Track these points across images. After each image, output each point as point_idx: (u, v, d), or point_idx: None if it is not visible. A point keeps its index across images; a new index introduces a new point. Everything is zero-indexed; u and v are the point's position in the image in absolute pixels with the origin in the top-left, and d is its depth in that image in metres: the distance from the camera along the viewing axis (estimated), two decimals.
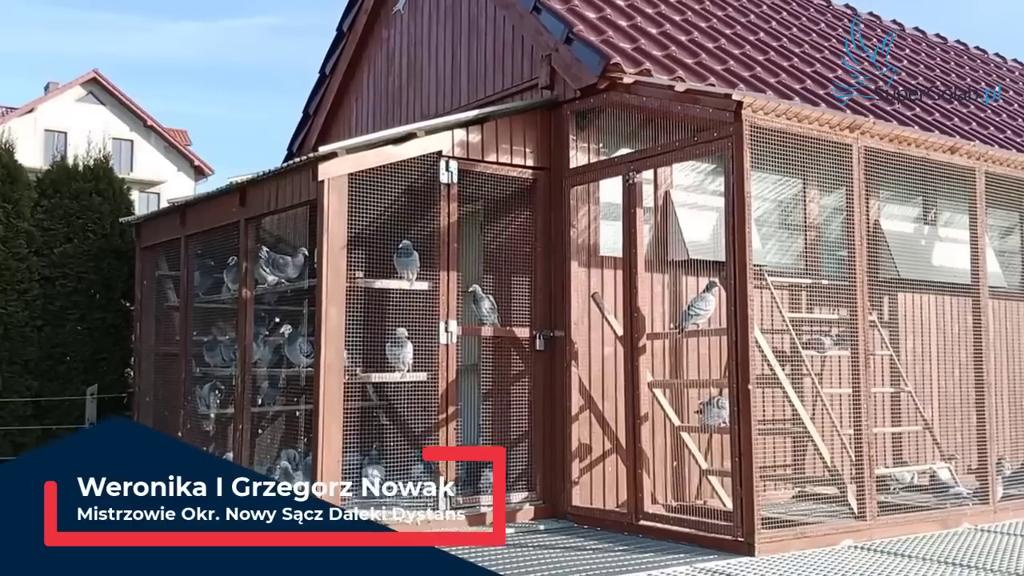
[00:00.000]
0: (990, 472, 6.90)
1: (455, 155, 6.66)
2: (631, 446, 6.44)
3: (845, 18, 11.73)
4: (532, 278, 7.08)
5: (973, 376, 7.17)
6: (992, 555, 5.60)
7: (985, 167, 7.15)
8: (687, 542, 5.86)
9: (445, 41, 8.55)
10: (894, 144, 6.61)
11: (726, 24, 8.87)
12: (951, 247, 8.24)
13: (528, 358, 7.02)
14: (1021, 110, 11.03)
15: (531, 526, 6.54)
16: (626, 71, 6.62)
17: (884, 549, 5.76)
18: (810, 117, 6.11)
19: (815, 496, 7.35)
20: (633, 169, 6.51)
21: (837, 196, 6.91)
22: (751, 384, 5.65)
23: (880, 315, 8.21)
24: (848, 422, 6.46)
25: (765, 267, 7.42)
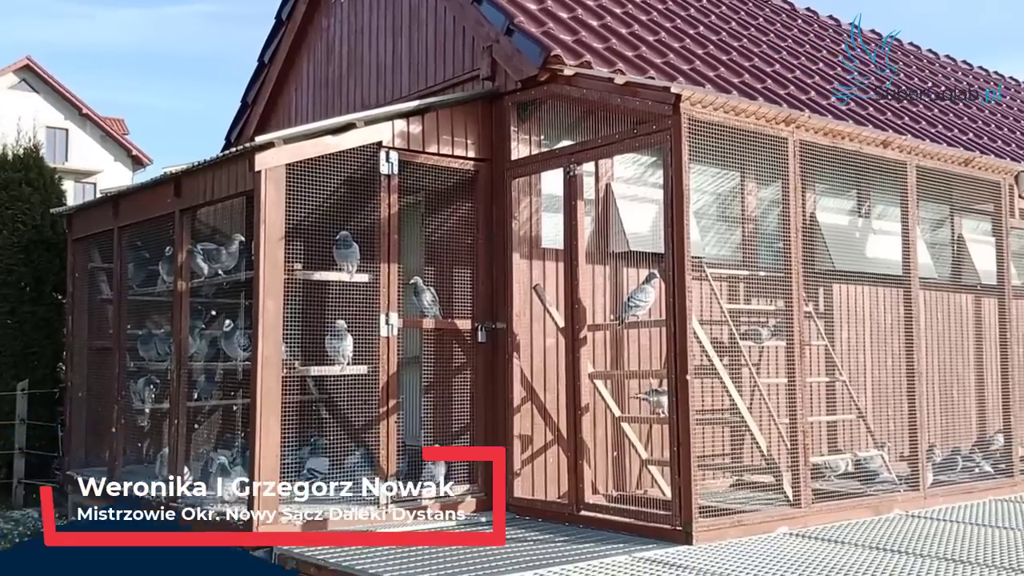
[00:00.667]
0: (921, 459, 7.07)
1: (396, 146, 6.61)
2: (572, 437, 6.46)
3: (783, 12, 11.91)
4: (474, 270, 7.06)
5: (905, 365, 7.33)
6: (921, 540, 5.75)
7: (916, 161, 7.31)
8: (627, 532, 5.90)
9: (386, 31, 8.47)
10: (828, 138, 6.72)
11: (666, 17, 8.93)
12: (885, 239, 8.41)
13: (470, 350, 7.00)
14: (952, 105, 11.30)
15: (473, 518, 6.53)
16: (566, 63, 6.62)
17: (818, 535, 5.88)
18: (747, 111, 6.19)
19: (753, 484, 7.47)
20: (574, 161, 6.52)
21: (774, 189, 7.00)
22: (689, 375, 5.71)
23: (816, 306, 8.37)
24: (784, 411, 6.57)
25: (704, 259, 7.51)
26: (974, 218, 9.69)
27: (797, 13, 12.25)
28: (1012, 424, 7.84)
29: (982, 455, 8.47)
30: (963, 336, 9.40)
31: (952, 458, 8.32)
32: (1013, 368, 7.97)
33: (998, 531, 6.09)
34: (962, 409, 9.19)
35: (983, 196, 8.24)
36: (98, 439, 8.44)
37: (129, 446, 8.09)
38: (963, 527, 6.24)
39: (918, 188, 7.55)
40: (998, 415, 8.25)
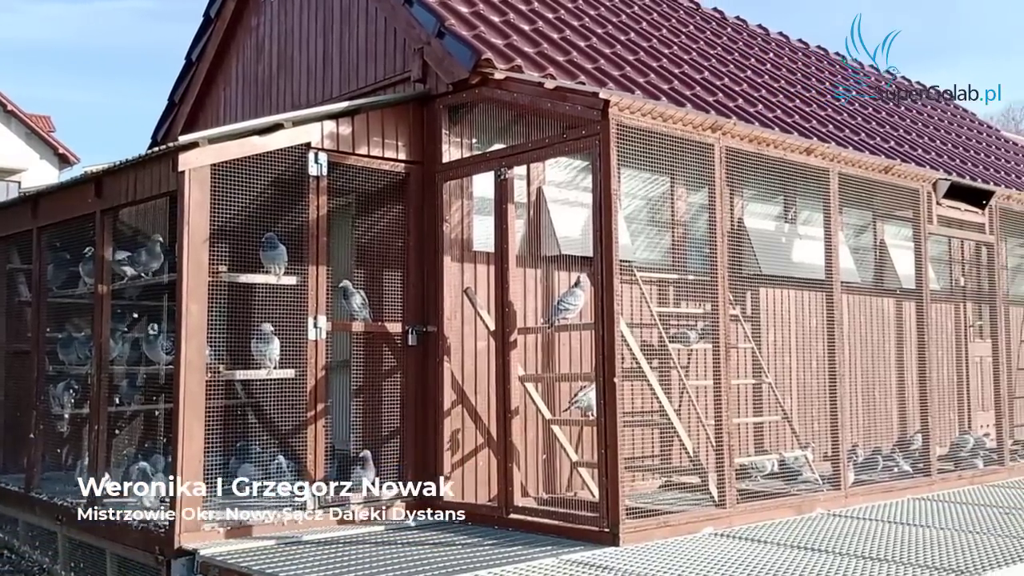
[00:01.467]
0: (842, 459, 7.24)
1: (325, 147, 6.54)
2: (502, 440, 6.47)
3: (714, 21, 12.11)
4: (404, 273, 7.02)
5: (827, 367, 7.50)
6: (840, 539, 5.89)
7: (838, 168, 7.49)
8: (555, 534, 5.92)
9: (316, 31, 8.38)
10: (754, 145, 6.85)
11: (598, 23, 9.01)
12: (810, 244, 8.61)
13: (400, 353, 6.97)
14: (875, 113, 11.62)
15: (402, 522, 6.50)
16: (497, 67, 6.64)
17: (742, 535, 5.98)
18: (674, 117, 6.27)
19: (681, 485, 7.58)
20: (504, 165, 6.53)
21: (703, 194, 7.11)
22: (617, 377, 5.76)
23: (743, 309, 8.53)
24: (711, 413, 6.66)
25: (635, 263, 7.60)
26: (896, 224, 9.97)
27: (727, 22, 12.47)
28: (929, 425, 8.07)
29: (902, 455, 8.71)
30: (885, 339, 9.67)
31: (873, 458, 8.55)
32: (930, 370, 8.21)
33: (914, 529, 6.27)
34: (884, 410, 9.45)
35: (903, 203, 8.49)
36: (16, 445, 8.18)
37: (48, 452, 7.86)
38: (882, 525, 6.40)
39: (841, 194, 7.74)
40: (918, 416, 8.48)
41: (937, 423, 8.74)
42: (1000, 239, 9.26)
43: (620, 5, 10.15)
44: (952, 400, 10.46)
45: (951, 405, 10.43)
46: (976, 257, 10.43)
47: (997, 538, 5.91)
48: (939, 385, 9.92)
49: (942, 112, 14.36)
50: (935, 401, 8.46)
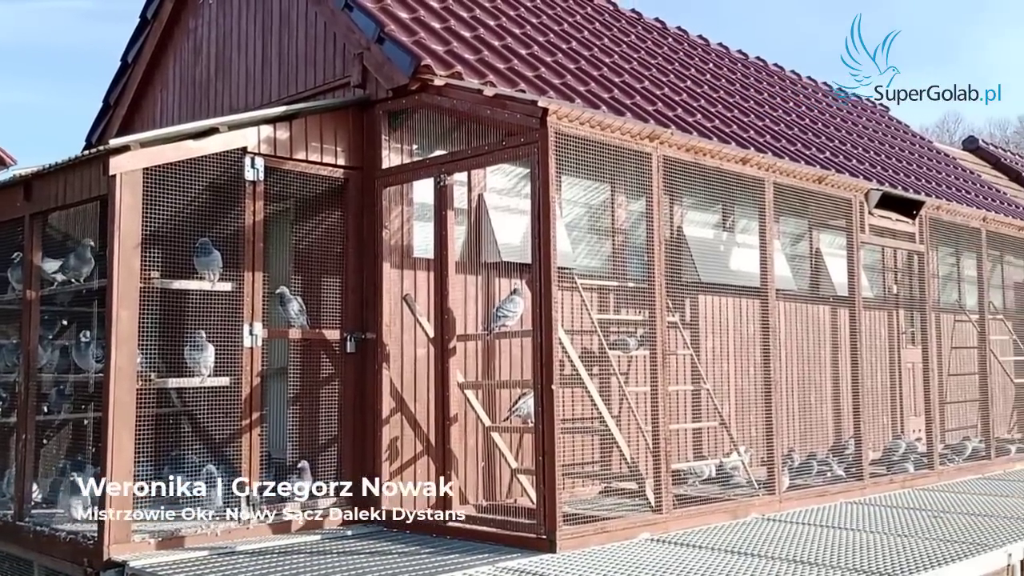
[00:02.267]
0: (777, 464, 7.36)
1: (261, 152, 6.46)
2: (440, 447, 6.45)
3: (655, 31, 12.24)
4: (343, 279, 6.97)
5: (763, 374, 7.62)
6: (773, 543, 5.98)
7: (773, 178, 7.62)
8: (493, 542, 5.92)
9: (255, 34, 8.29)
10: (691, 154, 6.94)
11: (540, 31, 9.05)
12: (747, 252, 8.74)
13: (338, 361, 6.91)
14: (812, 124, 11.85)
15: (339, 532, 6.44)
16: (437, 73, 6.63)
17: (678, 540, 6.04)
18: (612, 126, 6.32)
19: (620, 491, 7.63)
20: (444, 171, 6.52)
21: (643, 202, 7.18)
22: (555, 384, 5.78)
23: (682, 316, 8.62)
24: (649, 419, 6.72)
25: (575, 270, 7.64)
26: (831, 233, 10.17)
27: (668, 32, 12.62)
28: (861, 429, 8.24)
29: (837, 459, 8.88)
30: (820, 345, 9.85)
31: (808, 462, 8.70)
32: (863, 376, 8.39)
33: (845, 532, 6.39)
34: (819, 415, 9.63)
35: (837, 212, 8.67)
36: None
37: None
38: (813, 529, 6.52)
39: (778, 203, 7.88)
40: (852, 421, 8.65)
41: (870, 428, 8.93)
42: (930, 248, 9.50)
43: (562, 14, 10.21)
44: (886, 405, 10.71)
45: (884, 410, 10.67)
46: (908, 266, 10.69)
47: (925, 541, 6.05)
48: (872, 391, 10.16)
49: (876, 123, 14.71)
50: (867, 406, 8.65)
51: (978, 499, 7.93)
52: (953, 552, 5.66)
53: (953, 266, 12.43)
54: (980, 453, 9.97)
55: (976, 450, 10.02)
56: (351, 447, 6.82)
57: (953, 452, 10.00)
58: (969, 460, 9.82)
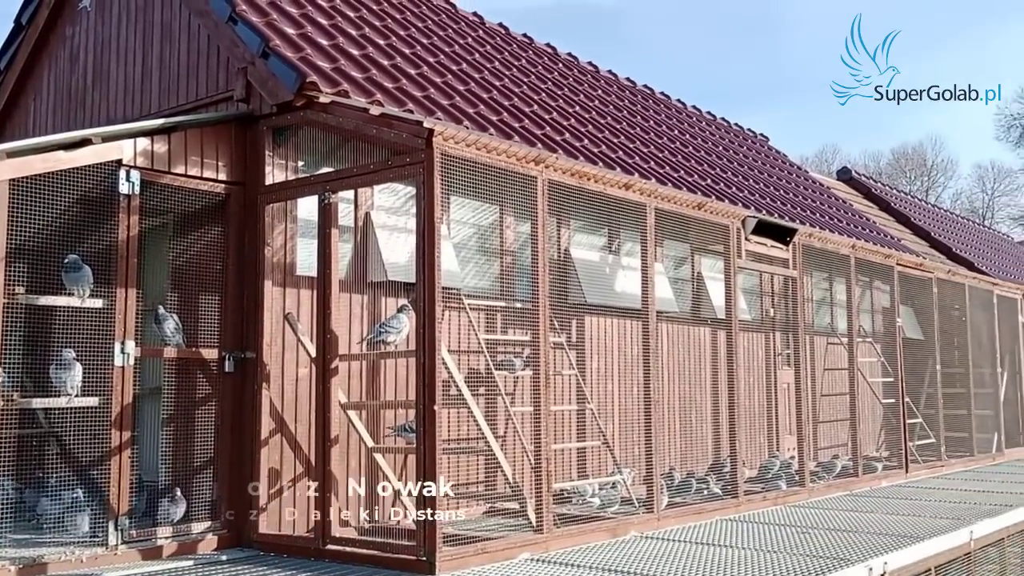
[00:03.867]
0: (656, 483, 7.51)
1: (138, 164, 6.27)
2: (321, 469, 6.35)
3: (546, 56, 12.45)
4: (223, 297, 6.81)
5: (645, 393, 7.79)
6: (649, 561, 6.10)
7: (655, 203, 7.83)
8: (373, 564, 5.86)
9: (135, 44, 8.05)
10: (575, 179, 7.07)
11: (430, 52, 9.09)
12: (632, 275, 8.94)
13: (216, 381, 6.73)
14: (695, 152, 12.24)
15: (213, 557, 6.26)
16: (323, 91, 6.57)
17: (557, 560, 6.09)
18: (498, 149, 6.39)
19: (504, 512, 7.66)
20: (329, 189, 6.46)
21: (532, 224, 7.27)
22: (438, 405, 5.77)
23: (568, 337, 8.75)
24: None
25: (462, 290, 7.66)
26: (711, 257, 10.51)
27: (559, 58, 12.86)
28: (737, 448, 8.50)
29: (715, 477, 9.13)
30: (701, 366, 10.13)
31: (688, 481, 8.93)
32: (739, 396, 8.66)
33: (718, 549, 6.57)
34: (699, 434, 9.90)
35: (716, 237, 8.96)
36: None
37: None
38: (689, 546, 6.67)
39: (660, 228, 8.09)
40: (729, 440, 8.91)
41: (747, 447, 9.21)
42: (803, 274, 9.91)
43: (454, 36, 10.28)
44: (762, 425, 11.08)
45: (761, 429, 11.04)
46: (784, 290, 11.13)
47: (792, 557, 6.27)
48: (749, 410, 10.51)
49: (757, 152, 15.30)
50: (744, 426, 8.93)
51: (845, 515, 8.28)
52: (818, 567, 5.89)
53: (826, 291, 13.02)
54: (849, 471, 10.41)
55: (845, 468, 10.46)
56: (228, 469, 6.64)
57: (824, 470, 10.42)
58: (838, 477, 10.25)
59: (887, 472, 11.00)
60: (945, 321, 13.01)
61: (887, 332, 12.36)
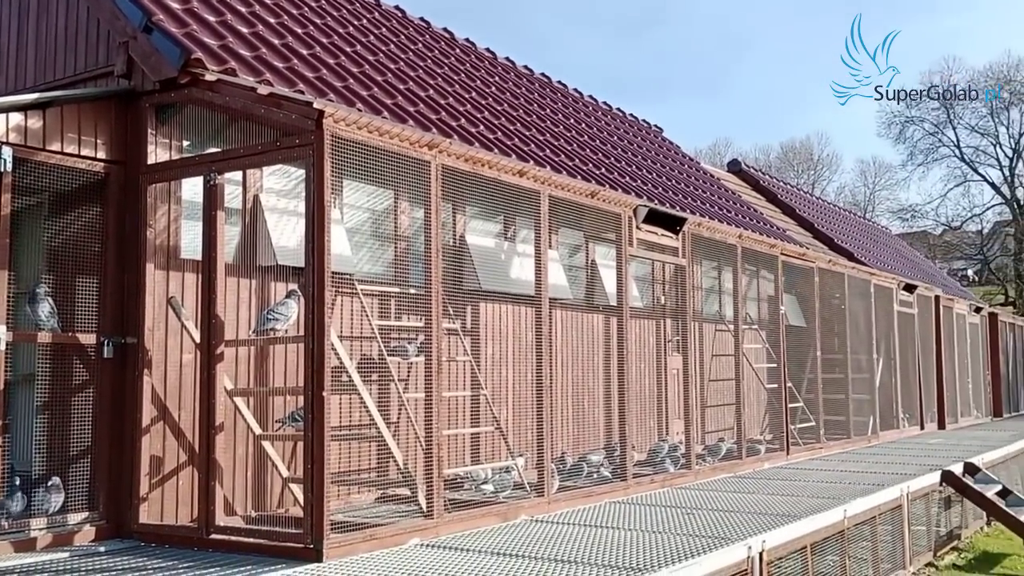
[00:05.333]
0: (547, 467, 7.60)
1: (10, 141, 5.97)
2: (204, 457, 6.19)
3: (443, 41, 12.38)
4: (102, 280, 6.55)
5: (538, 379, 7.86)
6: (539, 543, 6.17)
7: (549, 191, 7.89)
8: (258, 553, 5.75)
9: (9, 15, 7.66)
10: (469, 164, 7.06)
11: (324, 33, 8.92)
12: (527, 261, 9.00)
13: (94, 367, 6.48)
14: (591, 141, 12.39)
15: (91, 548, 6.04)
16: (209, 68, 6.38)
17: (448, 545, 6.11)
18: (391, 132, 6.33)
19: (396, 498, 7.63)
20: (215, 170, 6.28)
21: (426, 210, 7.22)
22: (326, 391, 5.70)
23: (463, 323, 8.75)
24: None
25: (355, 275, 7.57)
26: (605, 245, 10.67)
27: (456, 43, 12.80)
28: (626, 432, 8.67)
29: (607, 461, 9.29)
30: (594, 352, 10.30)
31: (579, 464, 9.06)
32: (629, 381, 8.83)
33: (606, 531, 6.70)
34: (592, 419, 10.06)
35: (609, 226, 9.10)
36: None
37: None
38: (578, 529, 6.79)
39: (555, 215, 8.15)
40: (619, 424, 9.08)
41: (637, 431, 9.40)
42: (692, 262, 10.16)
43: (348, 17, 10.12)
44: (653, 409, 11.34)
45: (652, 414, 11.29)
46: (674, 278, 11.39)
47: (676, 537, 6.44)
48: (640, 395, 10.73)
49: (651, 143, 15.58)
50: (634, 411, 9.12)
51: (728, 496, 8.55)
52: (700, 546, 6.07)
53: (715, 279, 13.38)
54: (733, 453, 10.75)
55: (730, 450, 10.80)
56: (107, 458, 6.42)
57: (710, 453, 10.74)
58: (723, 460, 10.58)
59: (769, 454, 11.41)
60: (826, 309, 13.55)
61: (772, 320, 12.79)
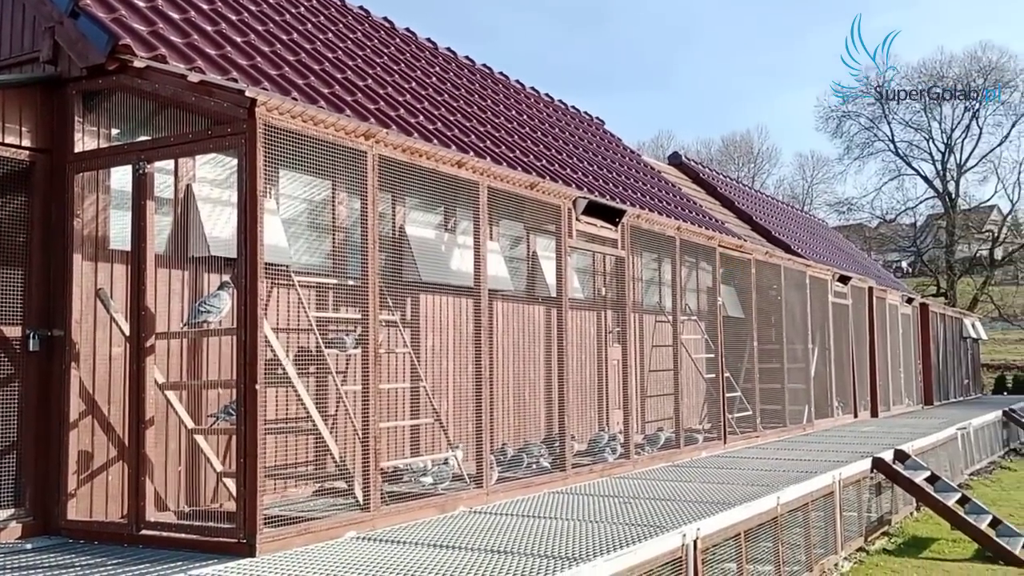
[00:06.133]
0: (485, 458, 7.60)
1: None
2: (135, 452, 6.07)
3: (383, 30, 12.27)
4: (27, 271, 6.38)
5: (476, 370, 7.85)
6: (476, 534, 6.17)
7: (488, 182, 7.87)
8: (190, 548, 5.66)
9: None
10: (407, 155, 7.00)
11: (259, 20, 8.77)
12: (467, 253, 8.98)
13: (19, 360, 6.30)
14: (532, 132, 12.40)
15: (17, 546, 5.89)
16: (138, 54, 6.23)
17: (384, 538, 6.08)
18: (326, 122, 6.25)
19: (334, 491, 7.56)
20: (144, 159, 6.15)
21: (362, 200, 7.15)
22: (259, 384, 5.62)
23: (403, 315, 8.70)
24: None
25: (290, 267, 7.48)
26: (546, 237, 10.69)
27: (396, 33, 12.70)
28: (567, 423, 8.71)
29: (547, 451, 9.33)
30: (535, 343, 10.32)
31: (519, 455, 9.09)
32: (568, 372, 8.87)
33: (543, 521, 6.73)
34: (533, 410, 10.09)
35: (550, 217, 9.11)
36: None
37: None
38: (516, 519, 6.80)
39: (495, 207, 8.13)
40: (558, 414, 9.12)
41: (578, 421, 9.45)
42: (631, 253, 10.23)
43: (284, 4, 9.97)
44: (593, 400, 11.42)
45: (592, 404, 11.37)
46: (615, 269, 11.47)
47: (613, 526, 6.49)
48: (580, 386, 10.80)
49: (592, 135, 15.65)
50: (575, 401, 9.16)
51: (665, 485, 8.65)
52: (636, 535, 6.12)
53: (655, 271, 13.51)
54: (672, 443, 10.88)
55: (669, 440, 10.92)
56: (33, 453, 6.26)
57: (649, 442, 10.85)
58: (662, 449, 10.69)
59: (707, 443, 11.57)
60: (763, 300, 13.76)
61: (710, 311, 12.96)
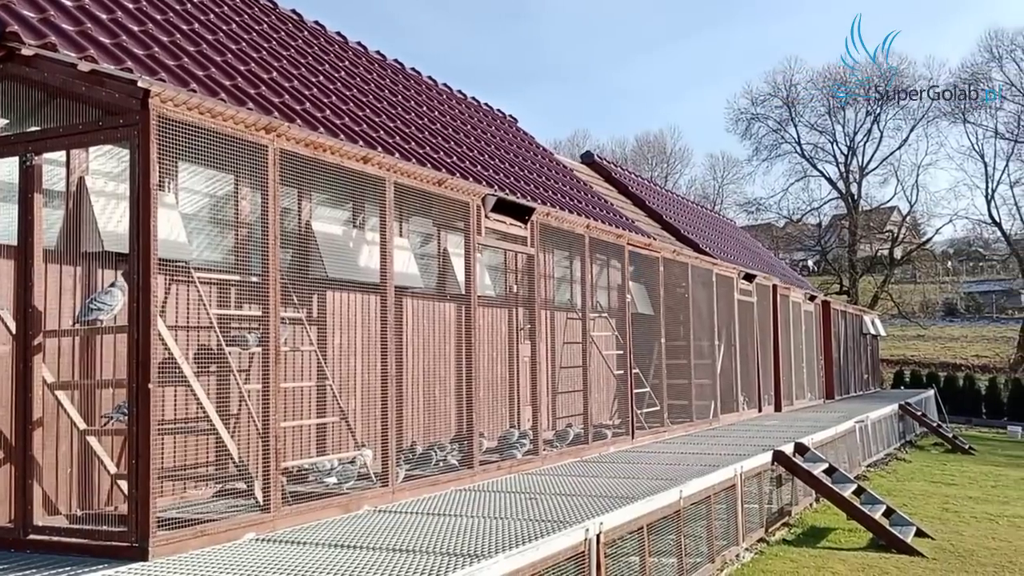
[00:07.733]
0: (391, 456, 7.54)
1: None
2: (21, 454, 5.83)
3: (290, 23, 12.06)
4: None
5: (381, 369, 7.78)
6: (380, 534, 6.11)
7: (395, 178, 7.80)
8: (82, 553, 5.46)
9: None
10: (310, 149, 6.89)
11: (157, 9, 8.52)
12: (376, 249, 8.88)
13: None
14: (443, 129, 12.35)
15: None
16: (26, 42, 5.99)
17: (285, 539, 5.97)
18: (224, 114, 6.10)
19: (235, 492, 7.39)
20: (31, 150, 5.91)
21: (263, 195, 7.01)
22: (152, 383, 5.46)
23: (309, 312, 8.57)
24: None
25: (190, 263, 7.29)
26: (456, 234, 10.66)
27: (304, 25, 12.50)
28: (475, 420, 8.71)
29: (456, 449, 9.31)
30: (445, 341, 10.29)
31: (428, 453, 9.04)
32: (477, 369, 8.87)
33: (449, 519, 6.71)
34: (443, 407, 10.05)
35: (459, 214, 9.09)
36: None
37: None
38: (421, 518, 6.77)
39: (404, 203, 8.06)
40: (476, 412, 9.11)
41: (488, 419, 9.44)
42: (541, 251, 10.29)
43: None
44: (504, 397, 11.45)
45: (503, 401, 11.40)
46: (527, 267, 11.51)
47: (518, 522, 6.51)
48: (491, 383, 10.81)
49: (504, 132, 15.69)
50: (484, 398, 9.16)
51: (572, 480, 8.72)
52: (540, 531, 6.15)
53: (567, 268, 13.62)
54: (580, 438, 10.98)
55: (577, 436, 11.02)
56: None
57: (558, 438, 10.93)
58: (571, 445, 10.78)
59: (616, 439, 11.71)
60: (670, 297, 14.00)
61: (620, 308, 13.12)
